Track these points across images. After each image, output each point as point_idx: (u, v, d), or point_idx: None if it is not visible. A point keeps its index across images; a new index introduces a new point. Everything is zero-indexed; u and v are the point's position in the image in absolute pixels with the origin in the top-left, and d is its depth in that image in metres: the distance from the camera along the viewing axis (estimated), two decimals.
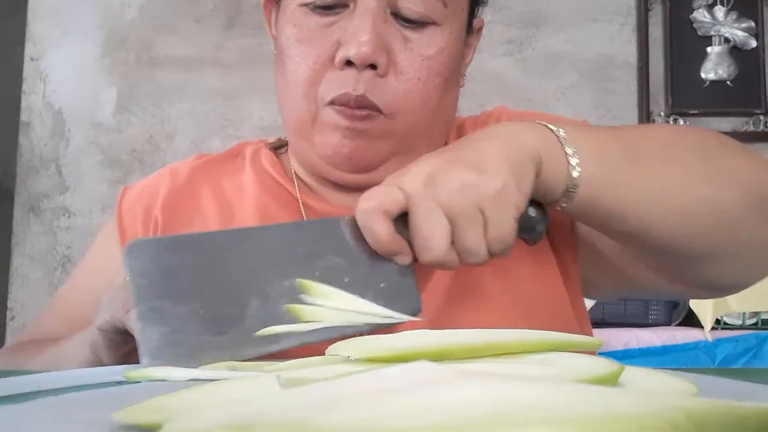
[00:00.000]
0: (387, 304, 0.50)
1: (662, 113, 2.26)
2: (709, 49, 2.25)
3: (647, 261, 0.63)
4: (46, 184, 2.26)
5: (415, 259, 0.51)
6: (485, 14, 0.73)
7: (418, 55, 0.62)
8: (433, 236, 0.48)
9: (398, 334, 0.41)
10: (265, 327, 0.47)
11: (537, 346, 0.36)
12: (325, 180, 0.70)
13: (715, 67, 2.23)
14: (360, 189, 0.69)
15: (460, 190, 0.48)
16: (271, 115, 2.25)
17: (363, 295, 0.50)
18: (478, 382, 0.21)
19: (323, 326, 0.48)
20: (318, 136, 0.64)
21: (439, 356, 0.33)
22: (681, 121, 2.23)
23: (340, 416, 0.19)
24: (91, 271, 0.75)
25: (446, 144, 0.70)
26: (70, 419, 0.28)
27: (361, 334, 0.46)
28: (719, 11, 2.26)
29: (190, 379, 0.40)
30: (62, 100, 2.30)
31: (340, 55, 0.60)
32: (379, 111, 0.61)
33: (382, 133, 0.63)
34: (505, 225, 0.49)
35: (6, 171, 2.25)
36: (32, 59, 2.32)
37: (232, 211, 0.71)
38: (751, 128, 2.19)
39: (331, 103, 0.62)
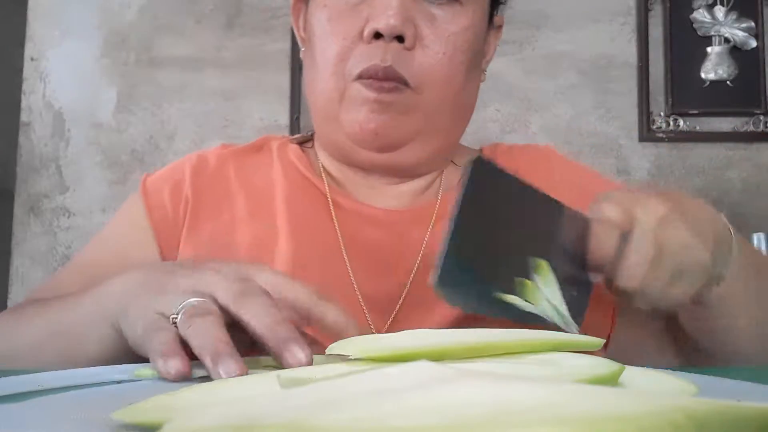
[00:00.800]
0: (570, 311, 0.51)
1: (662, 113, 2.26)
2: (709, 49, 2.25)
3: (685, 348, 0.66)
4: (46, 184, 2.26)
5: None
6: None
7: (444, 30, 0.64)
8: (639, 268, 0.51)
9: (398, 333, 0.41)
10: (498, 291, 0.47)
11: (537, 346, 0.36)
12: (352, 168, 0.70)
13: (715, 67, 2.23)
14: (385, 172, 0.69)
15: (682, 246, 0.51)
16: (271, 115, 2.25)
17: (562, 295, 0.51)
18: (478, 382, 0.21)
19: (532, 310, 0.48)
20: (345, 114, 0.65)
21: (439, 356, 0.33)
22: (681, 121, 2.23)
23: (340, 416, 0.19)
24: (118, 236, 0.73)
25: (462, 132, 0.72)
26: (70, 419, 0.28)
27: (545, 327, 0.47)
28: (719, 11, 2.26)
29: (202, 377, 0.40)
30: (62, 100, 2.30)
31: (369, 28, 0.63)
32: (405, 84, 0.63)
33: (409, 107, 0.64)
34: (685, 295, 0.53)
35: (6, 171, 2.25)
36: (32, 59, 2.32)
37: (261, 205, 0.70)
38: (751, 128, 2.19)
39: (359, 77, 0.63)
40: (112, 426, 0.26)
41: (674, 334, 0.67)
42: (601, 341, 0.38)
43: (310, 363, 0.41)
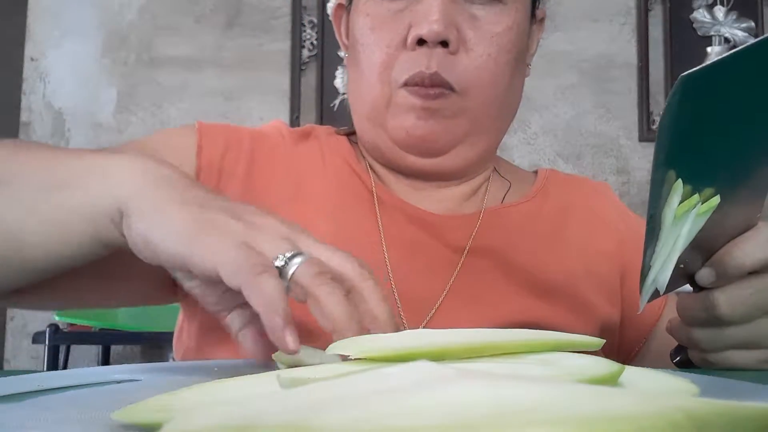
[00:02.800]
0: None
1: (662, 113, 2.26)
2: (709, 49, 2.25)
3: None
4: None
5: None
6: None
7: (487, 32, 0.64)
8: (751, 298, 0.51)
9: (398, 333, 0.41)
10: None
11: (537, 346, 0.36)
12: (396, 170, 0.70)
13: None
14: (431, 176, 0.69)
15: None
16: (271, 115, 2.25)
17: None
18: (478, 382, 0.21)
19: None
20: (392, 119, 0.65)
21: (439, 356, 0.33)
22: None
23: (340, 416, 0.19)
24: (157, 147, 0.66)
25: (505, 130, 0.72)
26: (70, 419, 0.28)
27: None
28: (719, 11, 2.26)
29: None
30: (62, 100, 2.30)
31: (413, 35, 0.62)
32: (451, 89, 0.63)
33: (455, 111, 0.64)
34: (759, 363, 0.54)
35: None
36: (32, 59, 2.32)
37: (306, 190, 0.69)
38: None
39: (405, 84, 0.63)
40: (112, 426, 0.26)
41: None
42: (600, 341, 0.37)
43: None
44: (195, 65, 2.29)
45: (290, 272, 0.41)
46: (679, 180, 0.45)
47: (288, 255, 0.42)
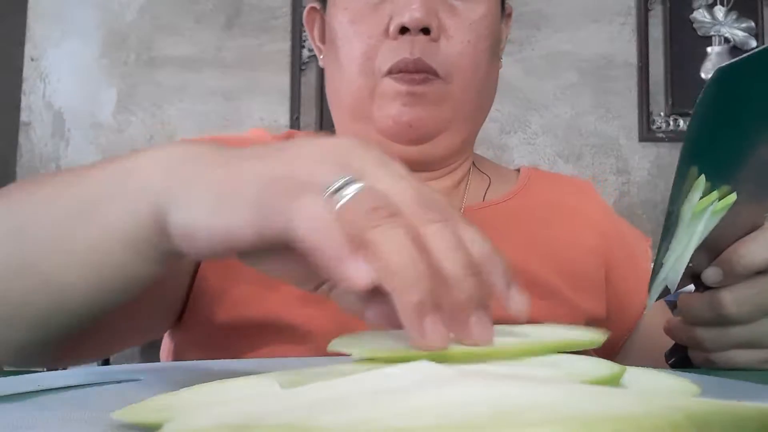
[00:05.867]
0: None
1: (662, 113, 2.26)
2: (709, 49, 2.25)
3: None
4: None
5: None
6: None
7: (465, 19, 0.66)
8: (757, 298, 0.51)
9: (398, 332, 0.41)
10: None
11: (539, 350, 0.35)
12: None
13: (715, 67, 2.23)
14: (416, 166, 0.69)
15: None
16: (271, 115, 2.25)
17: None
18: (479, 382, 0.21)
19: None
20: (377, 110, 0.66)
21: (439, 357, 0.33)
22: (681, 121, 2.23)
23: (340, 416, 0.19)
24: None
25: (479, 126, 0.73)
26: (70, 419, 0.28)
27: None
28: (719, 11, 2.26)
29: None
30: (62, 100, 2.30)
31: (395, 23, 0.64)
32: (435, 74, 0.64)
33: (440, 96, 0.65)
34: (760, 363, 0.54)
35: (6, 171, 2.25)
36: (32, 59, 2.32)
37: None
38: None
39: (389, 72, 0.64)
40: (112, 426, 0.26)
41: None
42: (603, 336, 0.37)
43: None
44: (195, 65, 2.29)
45: (336, 206, 0.31)
46: (702, 176, 0.44)
47: (338, 183, 0.31)
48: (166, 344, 0.69)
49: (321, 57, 0.73)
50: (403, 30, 0.64)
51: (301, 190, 0.31)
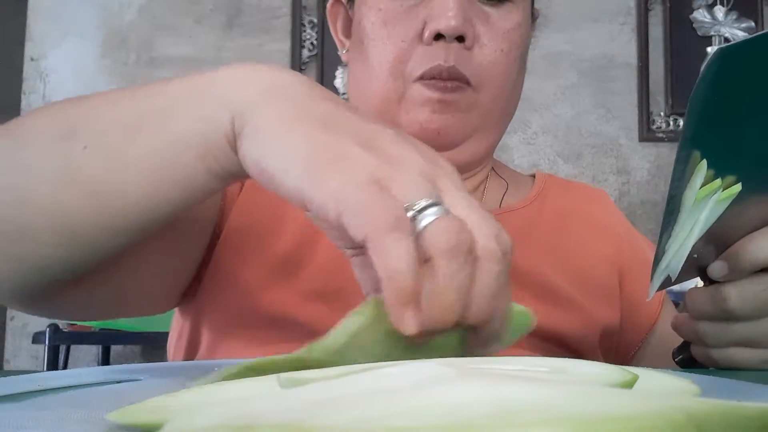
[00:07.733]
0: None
1: (662, 113, 2.26)
2: (709, 49, 2.25)
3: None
4: None
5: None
6: None
7: (499, 28, 0.66)
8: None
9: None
10: None
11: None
12: None
13: None
14: None
15: None
16: None
17: None
18: (479, 382, 0.21)
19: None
20: (405, 114, 0.65)
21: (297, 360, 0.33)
22: (681, 121, 2.23)
23: (340, 416, 0.19)
24: None
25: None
26: (70, 419, 0.28)
27: None
28: (719, 11, 2.26)
29: None
30: None
31: (430, 29, 0.63)
32: (467, 83, 0.64)
33: (469, 105, 0.65)
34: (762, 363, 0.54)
35: None
36: (32, 59, 2.32)
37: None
38: None
39: (421, 78, 0.64)
40: (111, 426, 0.26)
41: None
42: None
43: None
44: (195, 65, 2.29)
45: (421, 226, 0.32)
46: (704, 160, 0.44)
47: (424, 203, 0.33)
48: (177, 326, 0.69)
49: (344, 51, 0.72)
50: (438, 36, 0.63)
51: (394, 218, 0.32)
